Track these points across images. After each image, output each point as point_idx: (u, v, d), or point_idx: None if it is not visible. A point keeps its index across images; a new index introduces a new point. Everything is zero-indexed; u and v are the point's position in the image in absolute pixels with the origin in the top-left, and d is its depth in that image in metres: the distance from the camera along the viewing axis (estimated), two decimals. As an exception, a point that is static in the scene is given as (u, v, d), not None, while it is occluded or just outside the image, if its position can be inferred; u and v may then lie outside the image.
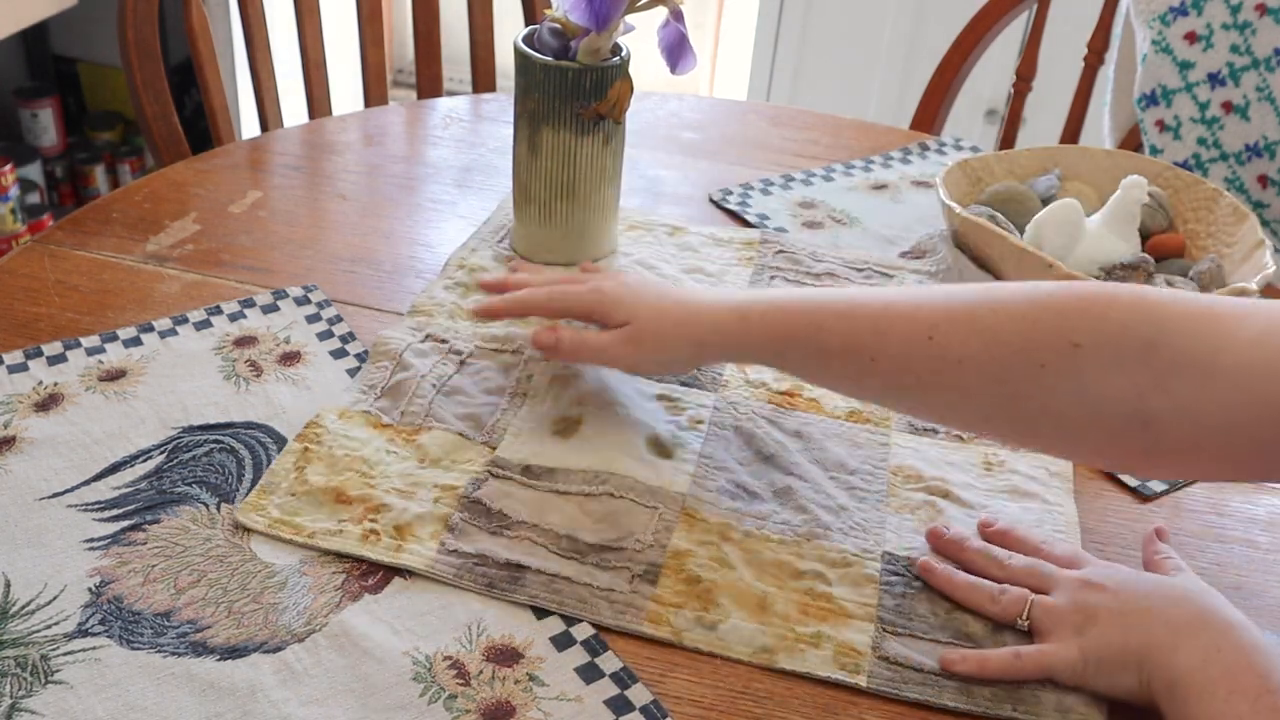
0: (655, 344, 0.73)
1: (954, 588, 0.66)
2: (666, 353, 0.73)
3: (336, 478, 0.70)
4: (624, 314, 0.74)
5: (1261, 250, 0.89)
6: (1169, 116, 1.29)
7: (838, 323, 0.66)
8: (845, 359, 0.67)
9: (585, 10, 0.82)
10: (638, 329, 0.73)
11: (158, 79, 1.17)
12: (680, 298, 0.74)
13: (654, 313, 0.73)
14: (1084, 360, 0.59)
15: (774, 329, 0.69)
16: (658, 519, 0.69)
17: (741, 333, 0.70)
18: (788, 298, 0.70)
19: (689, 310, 0.72)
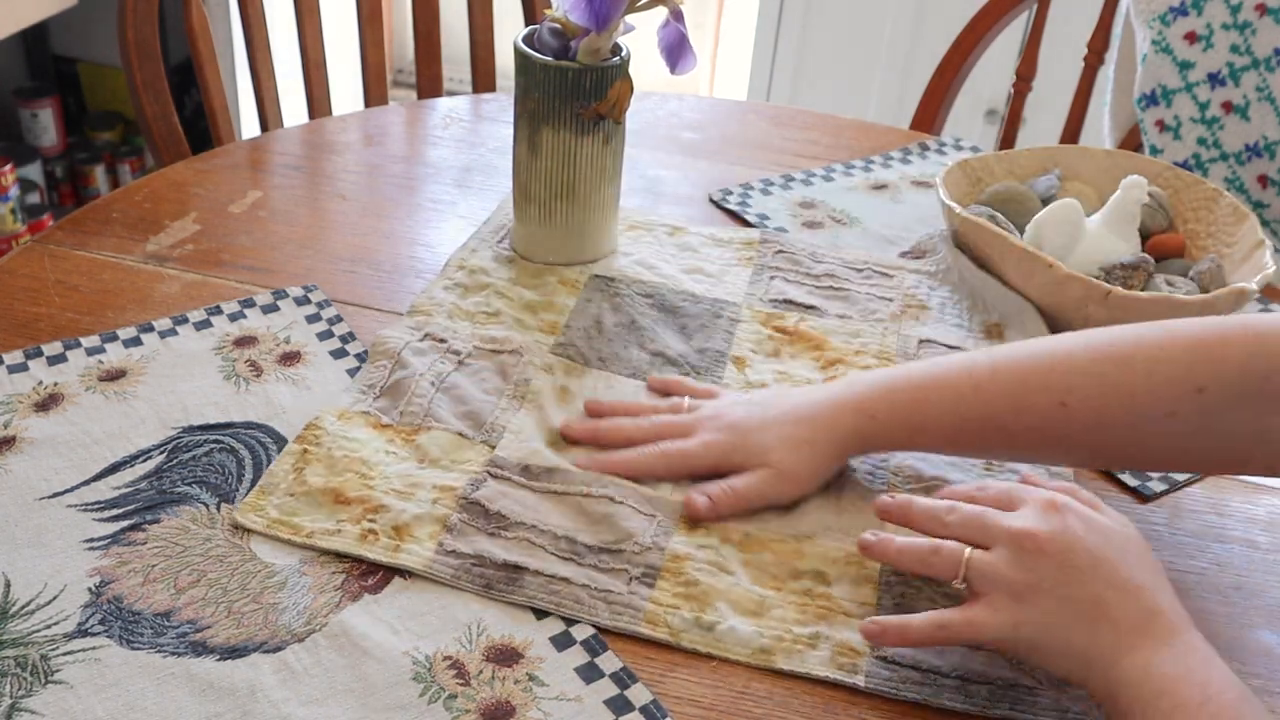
0: (807, 472, 0.72)
1: (893, 555, 0.64)
2: (819, 473, 0.73)
3: (335, 479, 0.70)
4: (753, 458, 0.72)
5: (1261, 250, 0.89)
6: (1169, 116, 1.29)
7: (972, 402, 0.69)
8: (983, 436, 0.70)
9: (585, 10, 0.82)
10: (783, 466, 0.71)
11: (158, 79, 1.17)
12: (802, 413, 0.73)
13: (788, 445, 0.72)
14: (1208, 401, 0.63)
15: (906, 420, 0.71)
16: (656, 524, 0.69)
17: (874, 432, 0.72)
18: (907, 382, 0.71)
19: (817, 425, 0.72)
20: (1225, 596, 0.69)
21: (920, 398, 0.70)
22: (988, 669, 0.63)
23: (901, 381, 0.72)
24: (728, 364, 0.84)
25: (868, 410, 0.71)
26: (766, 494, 0.71)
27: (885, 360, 0.86)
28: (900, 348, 0.88)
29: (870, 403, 0.72)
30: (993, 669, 0.63)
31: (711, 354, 0.85)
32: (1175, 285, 0.87)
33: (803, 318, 0.90)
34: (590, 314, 0.88)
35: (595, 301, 0.89)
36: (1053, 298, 0.85)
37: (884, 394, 0.72)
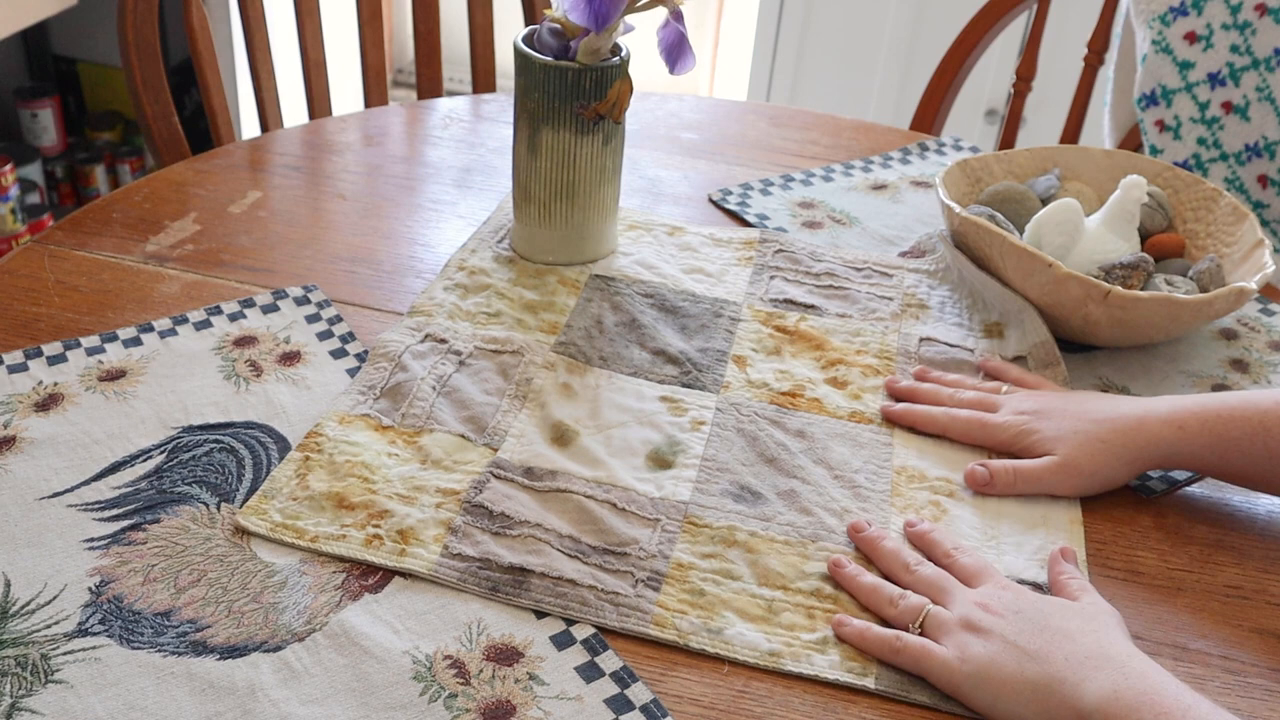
0: (1092, 469, 0.74)
1: (856, 588, 0.66)
2: (1102, 474, 0.74)
3: (338, 484, 0.70)
4: (1046, 445, 0.75)
5: (1261, 250, 0.89)
6: (1169, 116, 1.29)
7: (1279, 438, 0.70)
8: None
9: (585, 10, 0.82)
10: (1068, 459, 0.74)
11: (158, 79, 1.17)
12: (1103, 416, 0.75)
13: (1082, 439, 0.74)
14: None
15: (1217, 435, 0.71)
16: (660, 530, 0.69)
17: (1179, 441, 0.72)
18: (1223, 403, 0.72)
19: (1116, 428, 0.74)
20: (1225, 596, 0.69)
21: (1233, 416, 0.71)
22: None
23: (1215, 401, 0.73)
24: (729, 363, 0.84)
25: (1176, 421, 0.73)
26: (1044, 480, 0.74)
27: (886, 360, 0.86)
28: (901, 347, 0.88)
29: (1180, 415, 0.73)
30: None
31: (712, 353, 0.85)
32: (1175, 285, 0.87)
33: (803, 317, 0.90)
34: (591, 314, 0.88)
35: (596, 301, 0.89)
36: (1052, 297, 0.85)
37: (1196, 409, 0.73)
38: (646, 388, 0.81)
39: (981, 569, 0.66)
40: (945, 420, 0.79)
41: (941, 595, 0.65)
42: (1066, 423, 0.75)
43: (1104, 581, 0.70)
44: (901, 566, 0.67)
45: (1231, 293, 0.83)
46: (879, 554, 0.68)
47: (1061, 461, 0.74)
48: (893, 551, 0.67)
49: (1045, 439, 0.75)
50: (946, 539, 0.69)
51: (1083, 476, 0.74)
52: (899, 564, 0.67)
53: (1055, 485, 0.74)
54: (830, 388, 0.83)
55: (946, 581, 0.65)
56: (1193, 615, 0.68)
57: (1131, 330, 0.85)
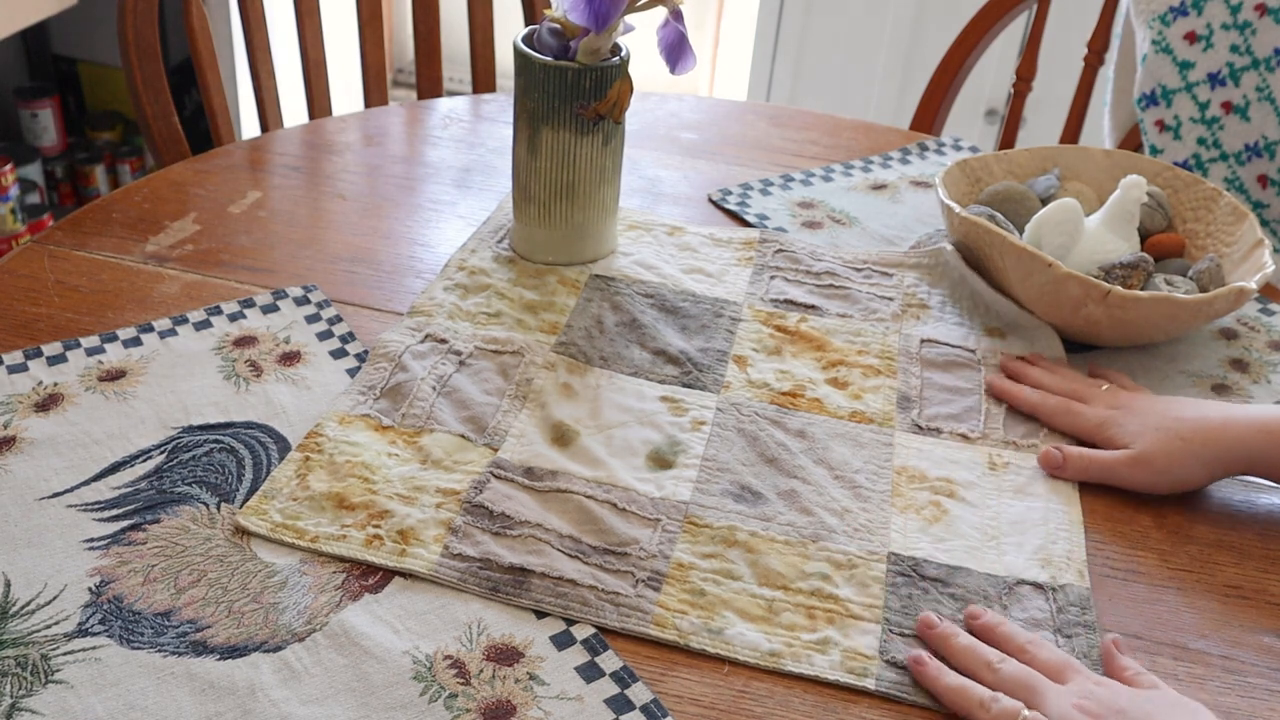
0: (1165, 465, 0.74)
1: (942, 690, 0.62)
2: (1176, 472, 0.75)
3: (338, 484, 0.70)
4: (1126, 438, 0.76)
5: (1261, 250, 0.89)
6: (1169, 116, 1.29)
7: None
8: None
9: (584, 10, 0.82)
10: (1144, 453, 0.75)
11: (158, 79, 1.17)
12: (1187, 416, 0.75)
13: (1163, 436, 0.75)
14: None
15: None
16: (660, 530, 0.69)
17: (1267, 447, 0.72)
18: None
19: (1199, 429, 0.74)
20: (1225, 596, 0.69)
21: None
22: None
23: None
24: (729, 363, 0.84)
25: (1264, 426, 0.72)
26: (1117, 471, 0.75)
27: (887, 360, 0.86)
28: (902, 347, 0.88)
29: (1267, 420, 0.72)
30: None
31: (713, 353, 0.85)
32: (1174, 285, 0.87)
33: (804, 317, 0.90)
34: (591, 314, 0.88)
35: (596, 301, 0.89)
36: (1052, 297, 0.85)
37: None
38: (647, 388, 0.81)
39: (1065, 663, 0.62)
40: (1037, 400, 0.81)
41: (1033, 696, 0.61)
42: (1151, 419, 0.76)
43: (1104, 581, 0.70)
44: (983, 665, 0.62)
45: (1231, 293, 0.83)
46: (954, 652, 0.64)
47: (1137, 455, 0.74)
48: (969, 648, 0.63)
49: (1127, 432, 0.76)
50: (1018, 631, 0.64)
51: (1155, 472, 0.74)
52: (980, 662, 0.63)
53: (1127, 477, 0.75)
54: (831, 388, 0.83)
55: (1035, 680, 0.62)
56: (1193, 615, 0.68)
57: (1131, 330, 0.85)
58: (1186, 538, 0.73)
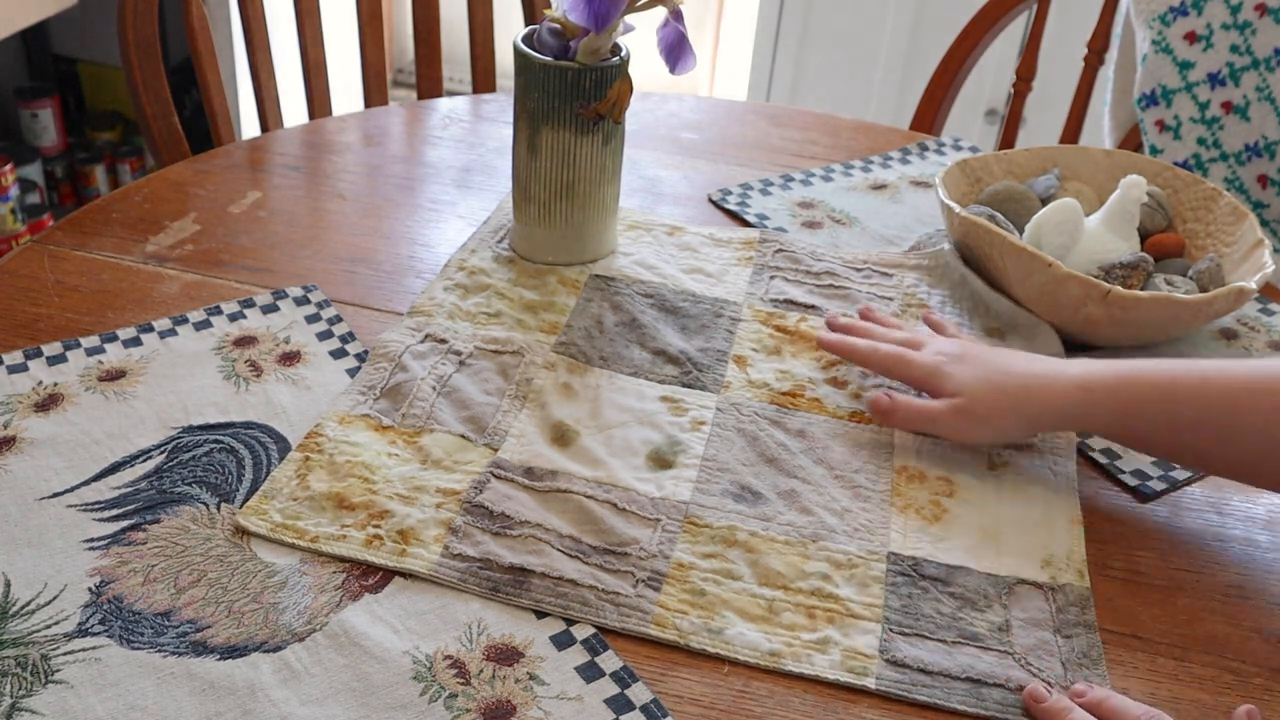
0: (987, 417, 0.75)
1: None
2: (997, 425, 0.75)
3: (338, 484, 0.70)
4: (954, 386, 0.76)
5: (1260, 250, 0.89)
6: (1169, 116, 1.29)
7: (1191, 397, 0.69)
8: (1198, 433, 0.69)
9: (584, 10, 0.82)
10: (969, 403, 0.75)
11: (158, 79, 1.17)
12: (1015, 369, 0.76)
13: (986, 387, 0.75)
14: None
15: (1122, 402, 0.71)
16: (660, 530, 0.69)
17: (1086, 404, 0.72)
18: (1132, 370, 0.72)
19: (1024, 384, 0.74)
20: (1225, 596, 0.69)
21: (1141, 381, 0.71)
22: (997, 670, 0.63)
23: (1127, 367, 0.72)
24: (729, 363, 0.84)
25: (1087, 386, 0.72)
26: (940, 420, 0.76)
27: (885, 360, 0.86)
28: (900, 347, 0.88)
29: (1090, 379, 0.72)
30: (1002, 670, 0.63)
31: (713, 353, 0.85)
32: (1174, 285, 0.87)
33: (803, 317, 0.90)
34: (591, 314, 0.88)
35: (596, 301, 0.89)
36: (1052, 297, 0.85)
37: (1105, 374, 0.72)
38: (647, 388, 0.81)
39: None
40: (868, 350, 0.80)
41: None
42: (980, 371, 0.76)
43: (1104, 581, 0.70)
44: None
45: (1231, 292, 0.83)
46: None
47: (960, 404, 0.75)
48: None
49: (955, 382, 0.76)
50: (1129, 705, 0.60)
51: (977, 422, 0.75)
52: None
53: (949, 427, 0.75)
54: (831, 388, 0.83)
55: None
56: (1193, 615, 0.68)
57: (1131, 330, 0.85)
58: (1186, 538, 0.73)
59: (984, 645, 0.64)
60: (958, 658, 0.63)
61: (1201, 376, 0.69)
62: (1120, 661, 0.64)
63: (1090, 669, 0.63)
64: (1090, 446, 0.80)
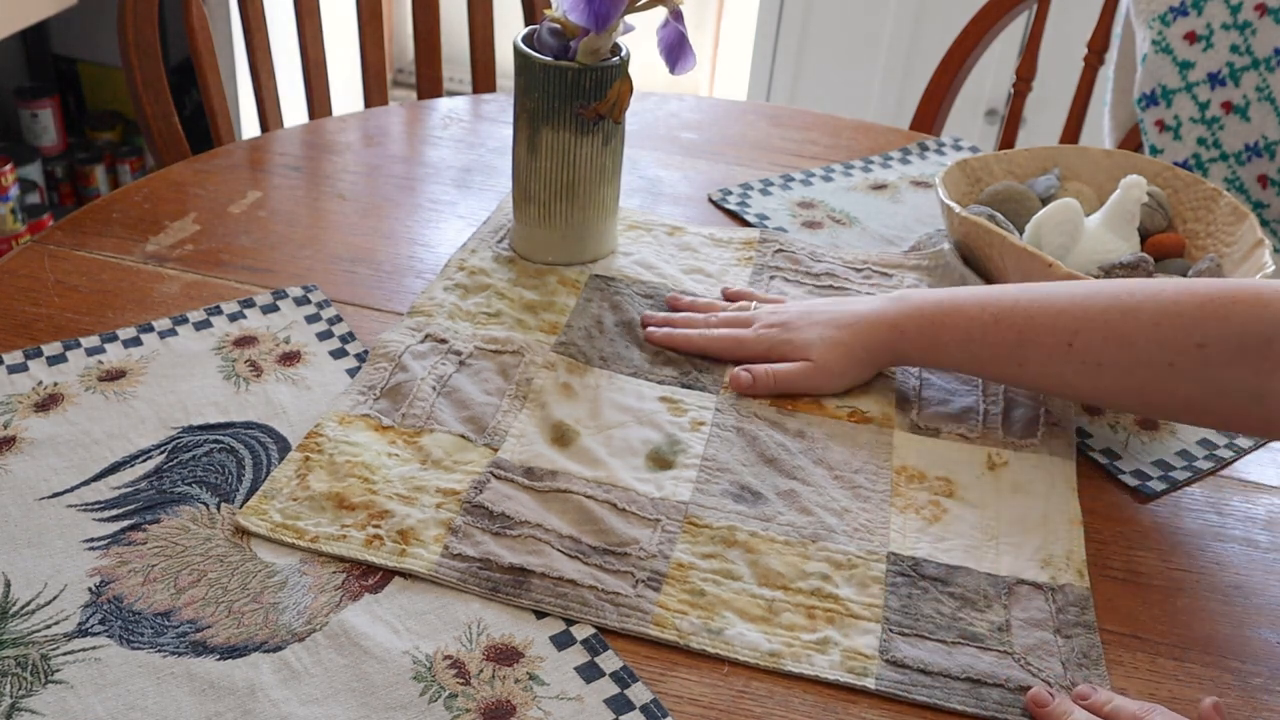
0: (839, 369, 0.81)
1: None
2: (849, 374, 0.82)
3: (338, 484, 0.70)
4: (799, 350, 0.82)
5: (1260, 250, 0.89)
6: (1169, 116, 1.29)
7: (986, 335, 0.76)
8: (996, 365, 0.77)
9: (584, 10, 0.82)
10: (821, 362, 0.81)
11: (158, 79, 1.17)
12: (844, 320, 0.82)
13: (827, 344, 0.81)
14: (1209, 357, 0.68)
15: (931, 340, 0.78)
16: (660, 530, 0.69)
17: (903, 347, 0.80)
18: (937, 307, 0.79)
19: (854, 331, 0.81)
20: (1225, 596, 0.69)
21: (945, 322, 0.78)
22: (997, 670, 0.63)
23: (932, 305, 0.79)
24: (728, 364, 0.84)
25: (900, 326, 0.79)
26: (800, 384, 0.81)
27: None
28: (900, 347, 0.88)
29: (902, 320, 0.79)
30: (1002, 670, 0.63)
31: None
32: (1175, 285, 0.87)
33: (803, 317, 0.90)
34: (591, 314, 0.88)
35: (596, 301, 0.89)
36: (1052, 297, 0.85)
37: (915, 313, 0.79)
38: (646, 388, 0.81)
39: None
40: (703, 342, 0.84)
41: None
42: (815, 330, 0.82)
43: (1104, 581, 0.70)
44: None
45: (1231, 293, 0.83)
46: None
47: (815, 365, 0.81)
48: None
49: (797, 346, 0.81)
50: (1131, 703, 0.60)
51: (833, 376, 0.81)
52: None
53: (810, 386, 0.81)
54: (830, 388, 0.83)
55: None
56: (1193, 615, 0.68)
57: (1131, 330, 0.85)
58: (1186, 538, 0.73)
59: (984, 645, 0.64)
60: (957, 658, 0.63)
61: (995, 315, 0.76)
62: (1120, 661, 0.64)
63: (1090, 669, 0.63)
64: (1090, 446, 0.80)
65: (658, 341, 0.85)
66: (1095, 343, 0.72)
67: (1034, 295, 0.76)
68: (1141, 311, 0.71)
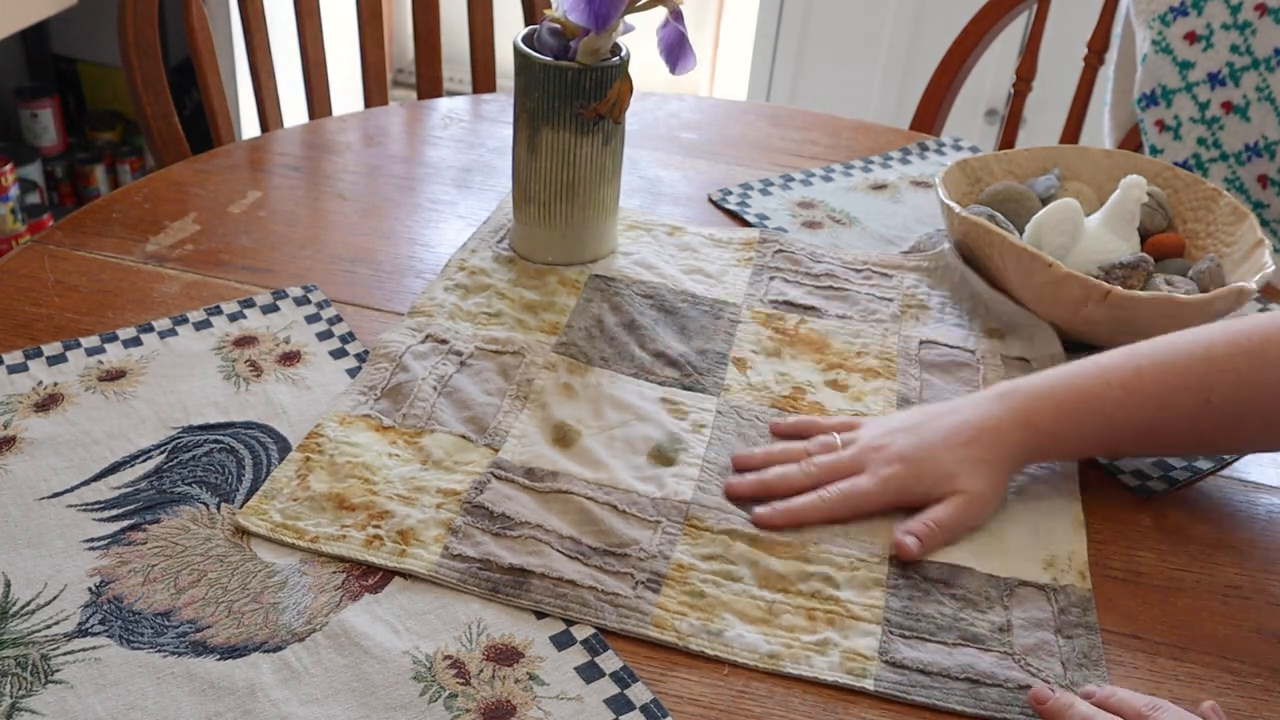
0: (992, 490, 0.72)
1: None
2: (999, 492, 0.73)
3: (339, 485, 0.70)
4: (939, 486, 0.71)
5: (1261, 250, 0.89)
6: (1169, 116, 1.29)
7: (1123, 412, 0.71)
8: (1136, 441, 0.74)
9: (584, 10, 0.82)
10: (973, 492, 0.71)
11: (158, 79, 1.17)
12: (964, 435, 0.72)
13: (963, 466, 0.71)
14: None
15: (1067, 431, 0.72)
16: (661, 531, 0.69)
17: (1038, 444, 0.73)
18: (1058, 392, 0.72)
19: (985, 444, 0.72)
20: (1225, 596, 0.69)
21: (1075, 408, 0.72)
22: (996, 670, 0.63)
23: (1048, 391, 0.73)
24: (729, 365, 0.84)
25: (1031, 423, 0.72)
26: (965, 521, 0.71)
27: (887, 361, 0.86)
28: (901, 348, 0.88)
29: (1030, 415, 0.72)
30: (1001, 670, 0.63)
31: (712, 355, 0.85)
32: (1175, 285, 0.87)
33: (803, 319, 0.90)
34: (591, 314, 0.88)
35: (596, 302, 0.89)
36: (1052, 297, 0.85)
37: (1037, 406, 0.72)
38: (647, 389, 0.81)
39: None
40: (826, 507, 0.71)
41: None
42: (944, 457, 0.72)
43: (1104, 581, 0.70)
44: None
45: (1231, 293, 0.83)
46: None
47: (969, 496, 0.71)
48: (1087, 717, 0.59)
49: (937, 481, 0.71)
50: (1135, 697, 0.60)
51: (989, 503, 0.72)
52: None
53: (974, 519, 0.71)
54: (831, 390, 0.83)
55: None
56: (1193, 615, 0.68)
57: (1131, 330, 0.85)
58: (1186, 538, 0.73)
59: (984, 646, 0.64)
60: (957, 658, 0.63)
61: (1124, 390, 0.71)
62: (1120, 661, 0.64)
63: (1090, 669, 0.63)
64: (1090, 447, 0.80)
65: (769, 524, 0.70)
66: (1231, 395, 0.69)
67: (1153, 357, 0.72)
68: (1267, 352, 0.69)
